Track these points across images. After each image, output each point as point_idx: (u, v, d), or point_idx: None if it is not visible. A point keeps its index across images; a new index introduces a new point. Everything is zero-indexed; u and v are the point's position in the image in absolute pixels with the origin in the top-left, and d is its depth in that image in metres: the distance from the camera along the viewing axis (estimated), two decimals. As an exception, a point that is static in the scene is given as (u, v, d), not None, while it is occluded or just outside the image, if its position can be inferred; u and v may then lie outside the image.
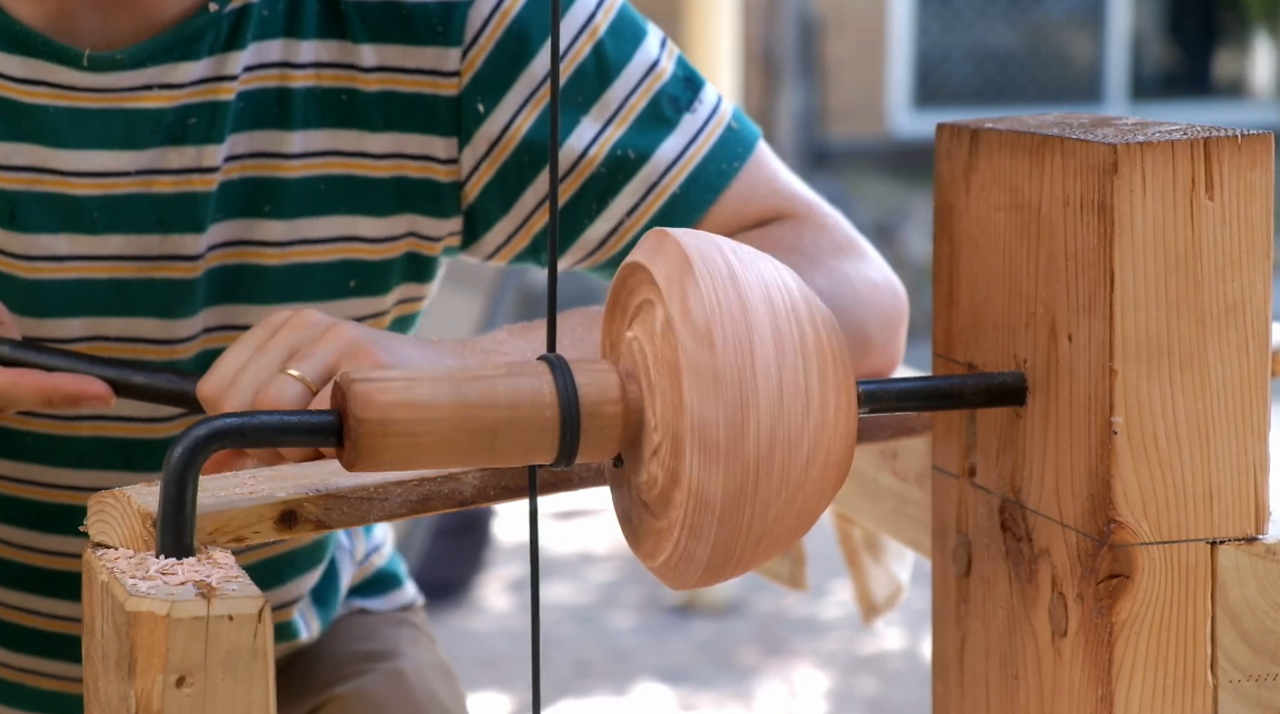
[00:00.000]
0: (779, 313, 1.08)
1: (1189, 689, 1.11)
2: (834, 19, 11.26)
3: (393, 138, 1.44)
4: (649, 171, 1.46)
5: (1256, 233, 1.10)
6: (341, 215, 1.45)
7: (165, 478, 1.07)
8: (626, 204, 1.46)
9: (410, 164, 1.45)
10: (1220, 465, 1.11)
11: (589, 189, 1.45)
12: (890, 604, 1.75)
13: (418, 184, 1.46)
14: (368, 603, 1.74)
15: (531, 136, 1.44)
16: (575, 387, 1.10)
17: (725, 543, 1.09)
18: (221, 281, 1.45)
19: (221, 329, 1.46)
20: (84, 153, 1.41)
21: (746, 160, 1.48)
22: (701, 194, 1.46)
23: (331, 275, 1.46)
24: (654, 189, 1.46)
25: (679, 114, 1.46)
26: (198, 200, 1.42)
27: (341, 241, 1.46)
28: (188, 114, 1.41)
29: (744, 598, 5.21)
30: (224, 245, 1.44)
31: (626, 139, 1.45)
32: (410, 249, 1.48)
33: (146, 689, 1.00)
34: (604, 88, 1.45)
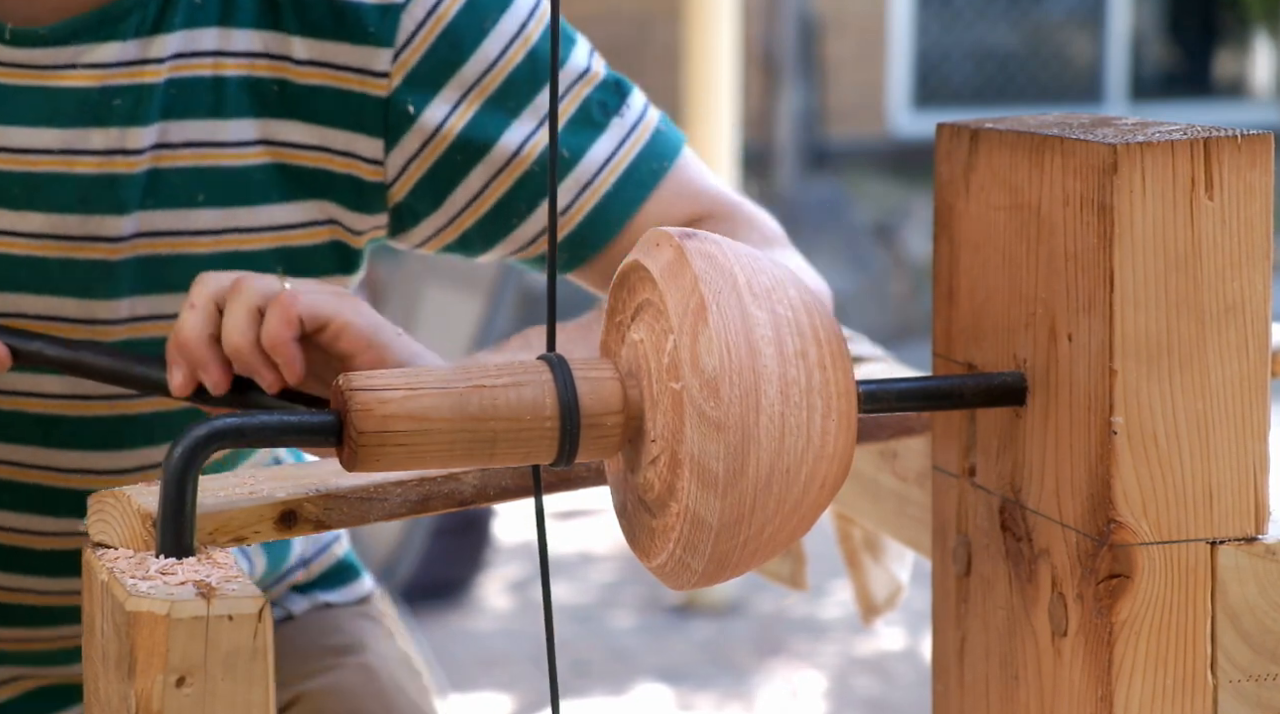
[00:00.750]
0: (785, 348, 1.08)
1: (1189, 689, 1.11)
2: (834, 19, 11.26)
3: (319, 131, 1.46)
4: (581, 172, 1.49)
5: (1256, 233, 1.10)
6: (272, 204, 1.47)
7: (165, 478, 1.07)
8: (560, 203, 1.49)
9: (335, 159, 1.47)
10: (1220, 465, 1.11)
11: (522, 188, 1.48)
12: (890, 604, 1.75)
13: (341, 179, 1.47)
14: (330, 595, 1.74)
15: (464, 137, 1.46)
16: (576, 395, 1.10)
17: (720, 557, 1.09)
18: (152, 270, 1.46)
19: (151, 318, 1.47)
20: (4, 128, 1.42)
21: (675, 161, 1.52)
22: (633, 193, 1.50)
23: (261, 263, 1.47)
24: (587, 188, 1.49)
25: (608, 117, 1.50)
26: (120, 182, 1.43)
27: (272, 230, 1.47)
28: (112, 95, 1.42)
29: (744, 598, 5.21)
30: (155, 234, 1.45)
31: (560, 140, 1.48)
32: (334, 238, 1.50)
33: (146, 689, 1.00)
34: (536, 91, 1.48)
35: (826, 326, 1.10)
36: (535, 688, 4.64)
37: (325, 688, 1.64)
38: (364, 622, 1.73)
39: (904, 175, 10.68)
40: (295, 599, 1.72)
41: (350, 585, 1.76)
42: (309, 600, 1.73)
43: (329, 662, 1.67)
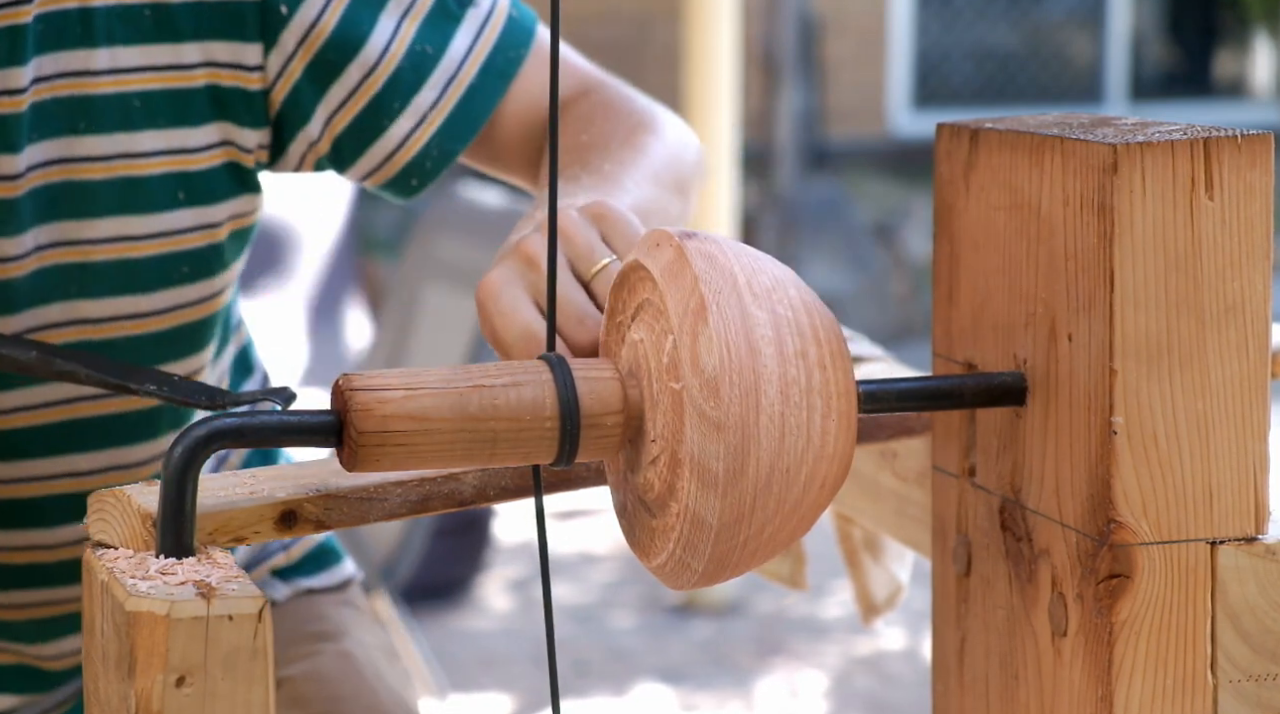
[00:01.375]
0: (786, 348, 1.08)
1: (1189, 689, 1.11)
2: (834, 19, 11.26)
3: (203, 46, 1.47)
4: (446, 65, 1.51)
5: (1256, 233, 1.10)
6: (161, 128, 1.47)
7: (165, 478, 1.07)
8: (429, 98, 1.51)
9: (223, 72, 1.48)
10: (1220, 465, 1.11)
11: (393, 86, 1.50)
12: (890, 604, 1.75)
13: (230, 92, 1.48)
14: (311, 581, 1.74)
15: (337, 31, 1.48)
16: (576, 395, 1.10)
17: (720, 557, 1.09)
18: (48, 200, 1.46)
19: (54, 246, 1.47)
20: None
21: (531, 45, 1.55)
22: (495, 83, 1.53)
23: (160, 188, 1.48)
24: (452, 82, 1.52)
25: (463, 9, 1.53)
26: (8, 122, 1.43)
27: (165, 154, 1.48)
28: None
29: (744, 598, 5.21)
30: (44, 164, 1.46)
31: (422, 35, 1.50)
32: (230, 159, 1.50)
33: (146, 689, 1.00)
34: None
35: (826, 326, 1.10)
36: (535, 688, 4.64)
37: (306, 674, 1.65)
38: (346, 609, 1.74)
39: (904, 175, 10.68)
40: (277, 585, 1.72)
41: (331, 570, 1.76)
42: (291, 587, 1.73)
43: (310, 648, 1.67)
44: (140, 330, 1.50)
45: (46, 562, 1.57)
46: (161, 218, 1.48)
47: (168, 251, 1.49)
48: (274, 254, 5.76)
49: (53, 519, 1.55)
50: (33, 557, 1.56)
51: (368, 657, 1.69)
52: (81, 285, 1.48)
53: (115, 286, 1.47)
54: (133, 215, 1.48)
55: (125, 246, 1.49)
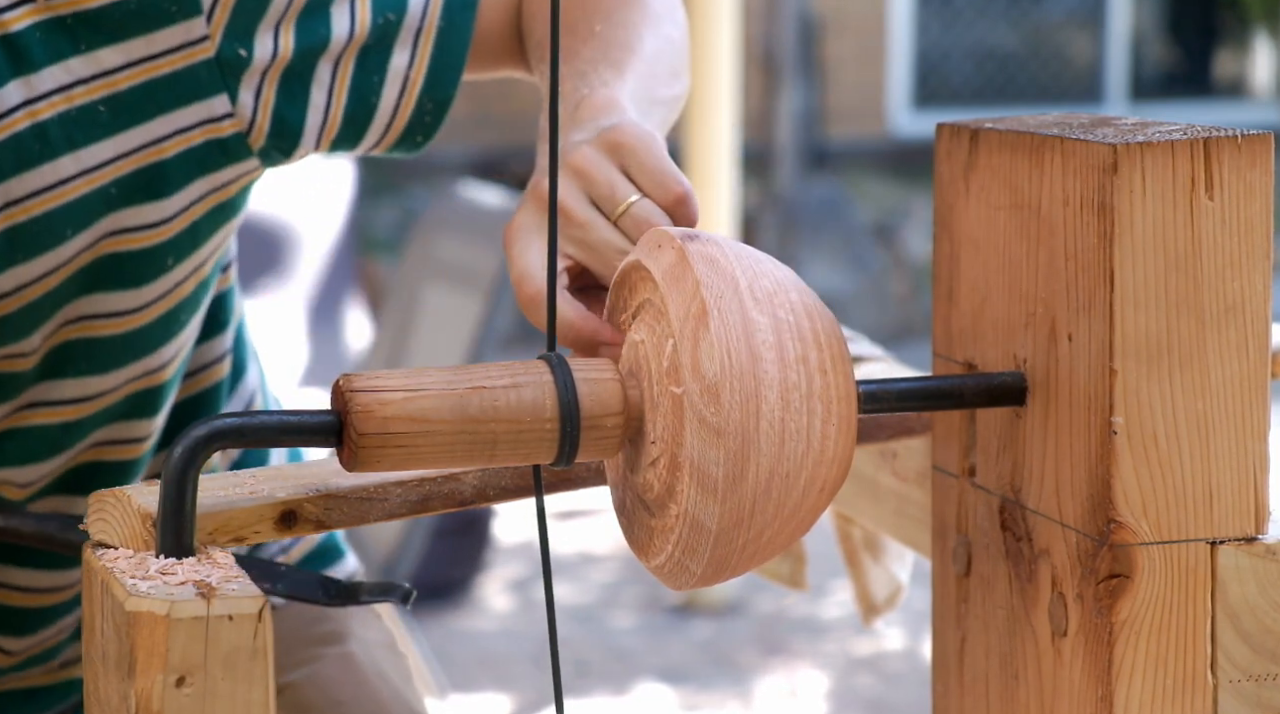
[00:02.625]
0: (786, 354, 1.08)
1: (1189, 689, 1.11)
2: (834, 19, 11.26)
3: (169, 118, 1.45)
4: (409, 23, 1.50)
5: (1256, 233, 1.10)
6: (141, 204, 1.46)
7: (165, 478, 1.07)
8: (403, 60, 1.50)
9: (192, 136, 1.47)
10: (1220, 465, 1.11)
11: (364, 63, 1.49)
12: (890, 604, 1.75)
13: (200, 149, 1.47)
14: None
15: (298, 46, 1.47)
16: (577, 396, 1.10)
17: (719, 558, 1.09)
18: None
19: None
20: None
21: None
22: (462, 16, 1.51)
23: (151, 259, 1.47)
24: (420, 35, 1.50)
25: None
26: None
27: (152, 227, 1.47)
28: None
29: (744, 598, 5.21)
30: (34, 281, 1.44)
31: (378, 6, 1.49)
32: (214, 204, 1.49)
33: (146, 689, 1.00)
34: None
35: (828, 329, 1.10)
36: (535, 688, 4.64)
37: (307, 679, 1.64)
38: (348, 607, 1.73)
39: (904, 175, 10.68)
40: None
41: (333, 567, 1.75)
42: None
43: (312, 652, 1.67)
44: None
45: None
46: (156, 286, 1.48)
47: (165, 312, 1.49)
48: (274, 254, 5.76)
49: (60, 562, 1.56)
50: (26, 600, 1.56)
51: (370, 658, 1.68)
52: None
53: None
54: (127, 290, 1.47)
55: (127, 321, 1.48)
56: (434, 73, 1.51)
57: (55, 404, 1.49)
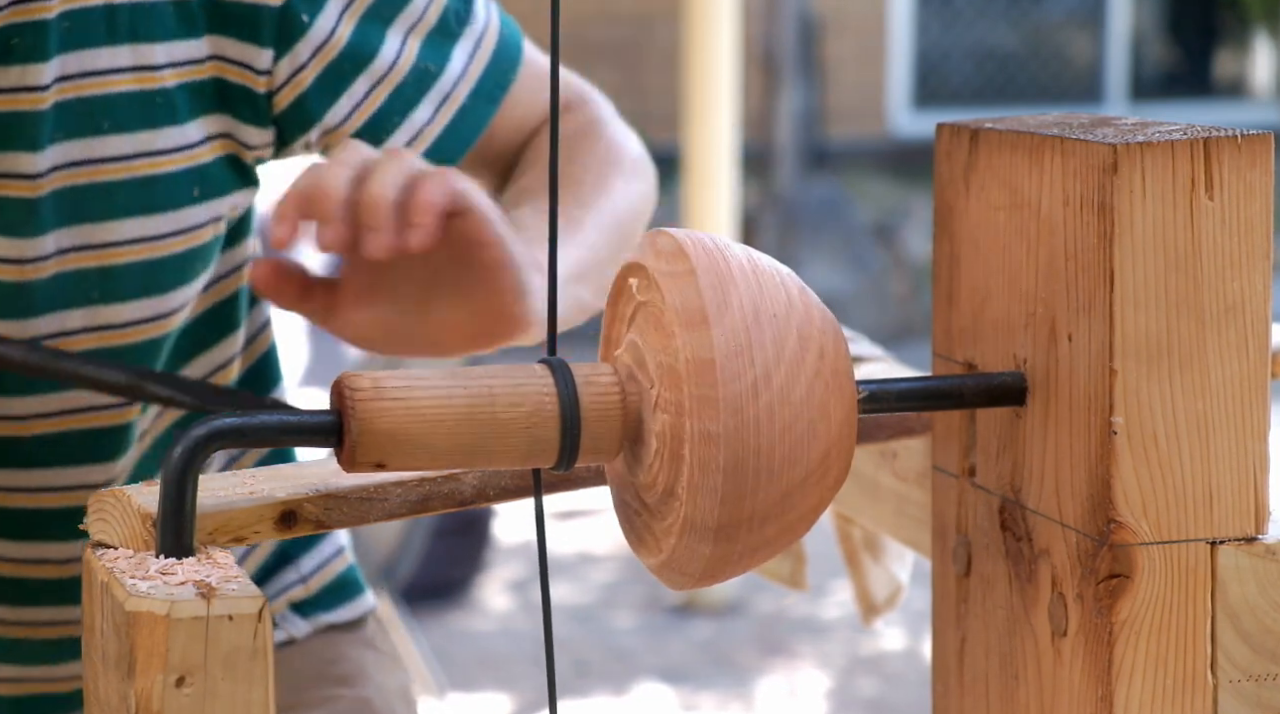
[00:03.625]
0: (785, 358, 1.08)
1: (1189, 689, 1.11)
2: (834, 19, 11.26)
3: (214, 41, 1.47)
4: (443, 84, 1.52)
5: (1256, 233, 1.10)
6: (181, 124, 1.47)
7: (165, 478, 1.07)
8: (424, 116, 1.52)
9: (229, 68, 1.48)
10: (1220, 465, 1.11)
11: (396, 100, 1.51)
12: (890, 604, 1.75)
13: (235, 88, 1.48)
14: (332, 616, 1.73)
15: (351, 45, 1.48)
16: (578, 404, 1.10)
17: (719, 558, 1.09)
18: (70, 202, 1.46)
19: (76, 250, 1.47)
20: None
21: (519, 66, 1.56)
22: (485, 107, 1.54)
23: (177, 184, 1.48)
24: (446, 101, 1.52)
25: (461, 27, 1.53)
26: (28, 119, 1.43)
27: (181, 150, 1.48)
28: (9, 34, 1.42)
29: (744, 598, 5.21)
30: (68, 166, 1.45)
31: (425, 52, 1.51)
32: (229, 152, 1.50)
33: (146, 689, 1.00)
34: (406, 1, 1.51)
35: (827, 330, 1.10)
36: (535, 688, 4.64)
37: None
38: (366, 651, 1.72)
39: (904, 175, 10.68)
40: (296, 621, 1.71)
41: (352, 603, 1.74)
42: (311, 624, 1.71)
43: (328, 692, 1.66)
44: (161, 332, 1.49)
45: (58, 577, 1.56)
46: (180, 215, 1.48)
47: (186, 249, 1.49)
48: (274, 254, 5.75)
49: (64, 533, 1.55)
50: (43, 571, 1.55)
51: (386, 704, 1.68)
52: (103, 290, 1.47)
53: (137, 289, 1.47)
54: (154, 214, 1.48)
55: (147, 247, 1.48)
56: (443, 141, 1.53)
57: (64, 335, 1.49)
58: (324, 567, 1.74)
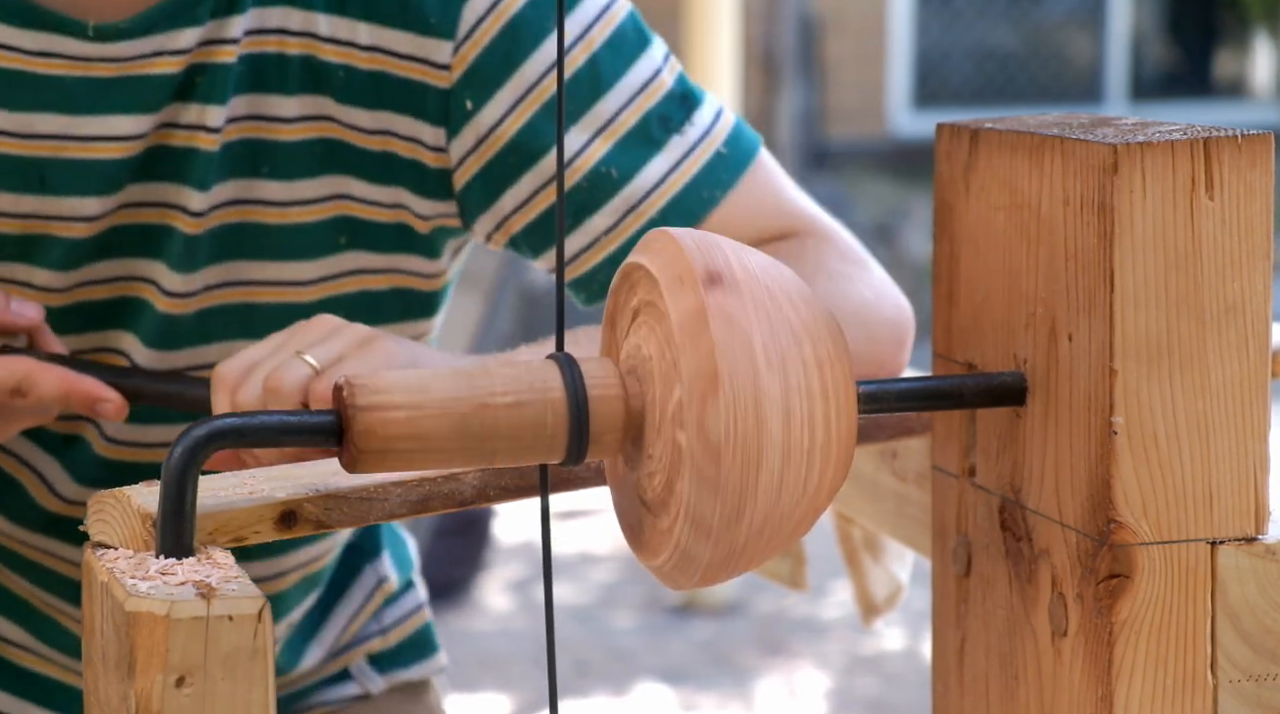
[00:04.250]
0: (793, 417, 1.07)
1: (1189, 689, 1.11)
2: (834, 19, 11.26)
3: (384, 116, 1.46)
4: (630, 192, 1.44)
5: (1256, 233, 1.10)
6: (334, 175, 1.47)
7: (165, 478, 1.06)
8: (604, 223, 1.44)
9: (399, 143, 1.47)
10: (1220, 465, 1.11)
11: (569, 201, 1.44)
12: (890, 604, 1.75)
13: (406, 163, 1.47)
14: (408, 673, 1.74)
15: (517, 140, 1.44)
16: (587, 398, 1.10)
17: (719, 559, 1.09)
18: (224, 239, 1.47)
19: (224, 286, 1.49)
20: (105, 118, 1.44)
21: (732, 187, 1.46)
22: (681, 222, 1.44)
23: (324, 232, 1.48)
24: (633, 211, 1.44)
25: (668, 134, 1.45)
26: (201, 158, 1.45)
27: (333, 199, 1.48)
28: (194, 74, 1.44)
29: (744, 598, 5.21)
30: (226, 204, 1.47)
31: (611, 156, 1.44)
32: (402, 220, 1.49)
33: (146, 689, 1.00)
34: (594, 100, 1.44)
35: (827, 330, 1.10)
36: (535, 688, 4.64)
37: None
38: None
39: (904, 175, 10.68)
40: (372, 676, 1.72)
41: (426, 661, 1.75)
42: (387, 680, 1.73)
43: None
44: None
45: None
46: (322, 263, 1.49)
47: (327, 297, 1.49)
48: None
49: None
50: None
51: None
52: (243, 328, 1.48)
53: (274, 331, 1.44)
54: (300, 261, 1.48)
55: (292, 291, 1.49)
56: (625, 251, 1.43)
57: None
58: (405, 621, 1.75)
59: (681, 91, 1.46)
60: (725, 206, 1.45)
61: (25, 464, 1.55)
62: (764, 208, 1.47)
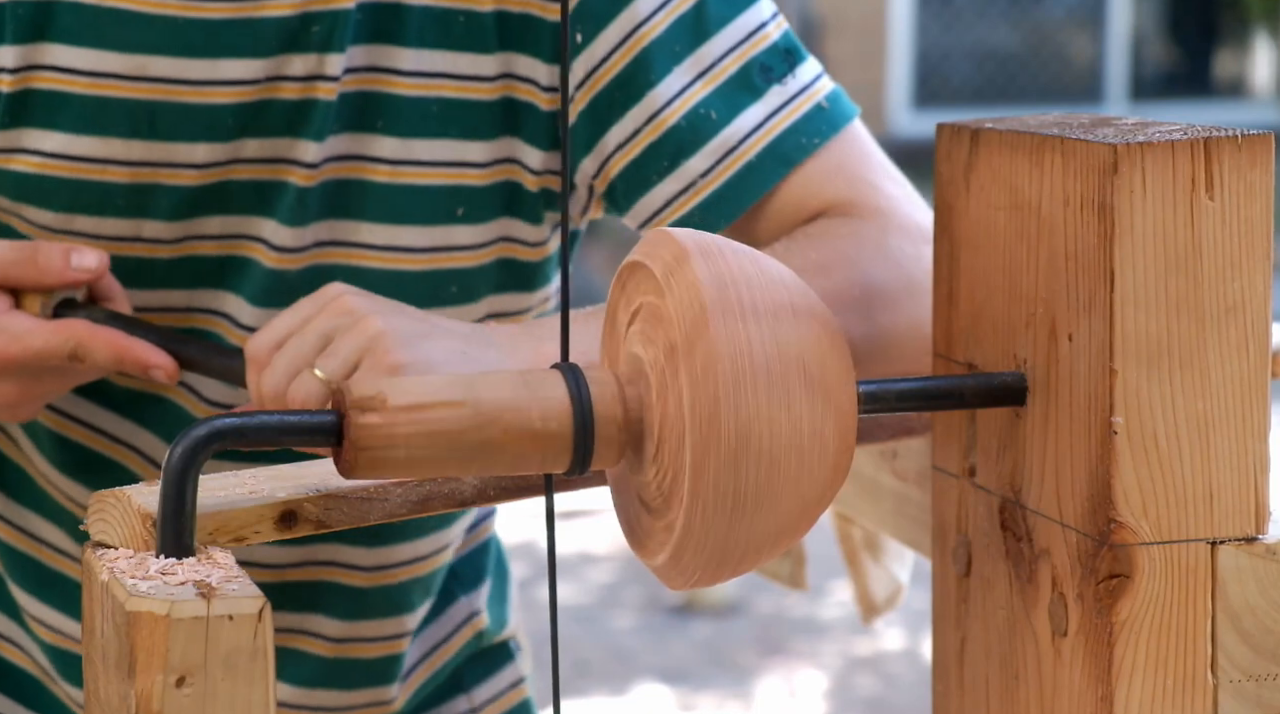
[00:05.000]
0: (788, 354, 1.07)
1: (1189, 689, 1.11)
2: (834, 19, 11.26)
3: (504, 58, 1.45)
4: (727, 135, 1.44)
5: (1256, 233, 1.10)
6: (451, 139, 1.46)
7: (165, 478, 1.06)
8: (701, 166, 1.44)
9: (518, 85, 1.45)
10: (1220, 465, 1.11)
11: (665, 143, 1.44)
12: (890, 604, 1.75)
13: (522, 106, 1.46)
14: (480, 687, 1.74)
15: (625, 73, 1.43)
16: (592, 407, 1.10)
17: (719, 558, 1.09)
18: (333, 195, 1.46)
19: (331, 244, 1.47)
20: (216, 62, 1.42)
21: (830, 138, 1.45)
22: (775, 167, 1.44)
23: (438, 199, 1.46)
24: (730, 155, 1.44)
25: (768, 84, 1.45)
26: (319, 109, 1.43)
27: (450, 166, 1.46)
28: (310, 21, 1.43)
29: (744, 598, 5.21)
30: (339, 158, 1.45)
31: (711, 99, 1.44)
32: (510, 177, 1.48)
33: (146, 689, 1.00)
34: (699, 42, 1.44)
35: (828, 331, 1.10)
36: (535, 688, 4.63)
37: None
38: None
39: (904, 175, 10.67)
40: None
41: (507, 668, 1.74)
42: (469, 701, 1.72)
43: None
44: None
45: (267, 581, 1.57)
46: (436, 231, 1.47)
47: (438, 268, 1.48)
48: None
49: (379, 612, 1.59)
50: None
51: None
52: None
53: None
54: (410, 225, 1.47)
55: (397, 257, 1.47)
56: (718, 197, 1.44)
57: None
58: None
59: (786, 46, 1.47)
60: (819, 158, 1.45)
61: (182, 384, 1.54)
62: (853, 171, 1.46)
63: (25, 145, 1.44)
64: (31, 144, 1.43)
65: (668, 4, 1.44)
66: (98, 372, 1.43)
